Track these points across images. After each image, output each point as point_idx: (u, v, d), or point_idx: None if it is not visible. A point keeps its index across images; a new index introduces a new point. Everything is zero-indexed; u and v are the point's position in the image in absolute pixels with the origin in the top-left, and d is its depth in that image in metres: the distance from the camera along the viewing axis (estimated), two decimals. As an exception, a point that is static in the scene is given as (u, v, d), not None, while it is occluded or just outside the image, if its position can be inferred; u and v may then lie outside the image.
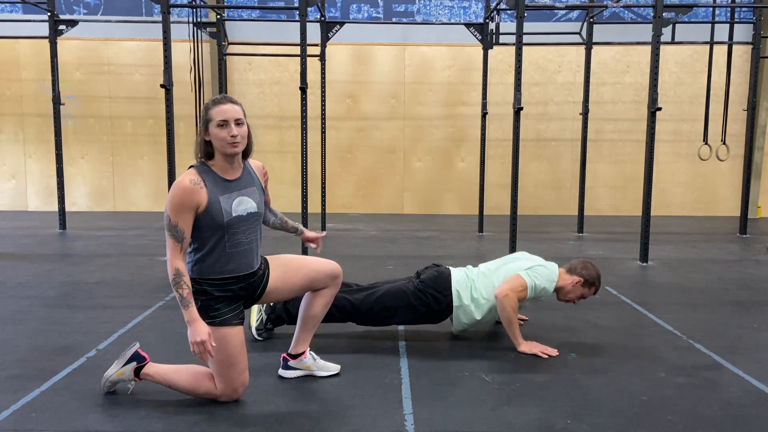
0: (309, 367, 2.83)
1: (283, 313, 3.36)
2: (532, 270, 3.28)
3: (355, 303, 3.31)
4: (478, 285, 3.32)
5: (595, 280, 3.36)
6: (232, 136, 2.39)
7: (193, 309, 2.37)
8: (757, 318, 3.92)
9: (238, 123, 2.42)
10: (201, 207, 2.39)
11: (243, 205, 2.49)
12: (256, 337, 3.35)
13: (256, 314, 3.39)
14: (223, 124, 2.39)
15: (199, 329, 2.35)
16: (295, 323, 3.36)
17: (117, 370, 2.55)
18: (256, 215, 2.56)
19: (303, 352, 2.82)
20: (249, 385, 2.62)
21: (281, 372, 2.85)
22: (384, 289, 3.36)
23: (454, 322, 3.36)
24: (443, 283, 3.33)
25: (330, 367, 2.88)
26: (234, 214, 2.46)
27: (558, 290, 3.35)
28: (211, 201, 2.40)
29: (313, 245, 3.05)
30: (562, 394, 2.66)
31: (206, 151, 2.46)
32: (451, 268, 3.44)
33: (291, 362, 2.83)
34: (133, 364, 2.55)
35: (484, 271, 3.39)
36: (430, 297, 3.30)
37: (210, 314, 2.46)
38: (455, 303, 3.30)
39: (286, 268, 2.70)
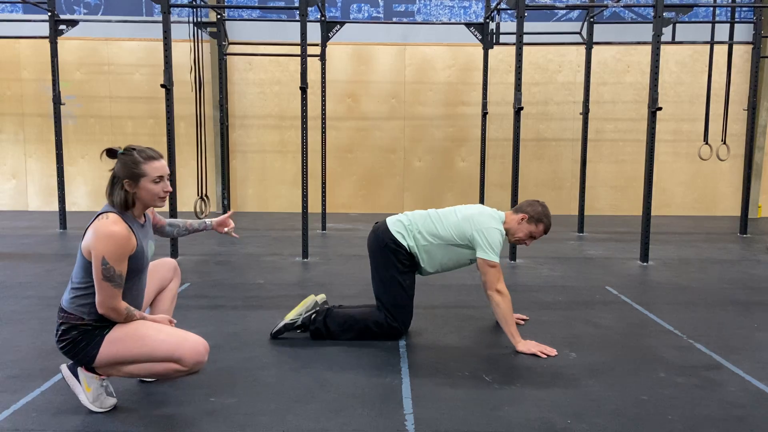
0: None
1: (322, 325, 3.33)
2: (485, 236, 3.25)
3: (385, 316, 3.35)
4: (422, 227, 3.36)
5: (541, 216, 3.35)
6: (165, 192, 2.45)
7: (139, 313, 2.44)
8: (757, 318, 3.92)
9: (168, 178, 2.48)
10: (131, 253, 2.38)
11: (151, 249, 2.57)
12: (276, 330, 3.34)
13: (296, 313, 3.37)
14: (159, 180, 2.42)
15: (158, 318, 2.49)
16: (334, 338, 3.33)
17: (84, 393, 2.42)
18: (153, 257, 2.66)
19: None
20: (249, 385, 2.62)
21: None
22: (375, 288, 3.43)
23: (419, 264, 3.42)
24: (385, 233, 3.38)
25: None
26: (149, 258, 2.54)
27: (506, 232, 3.36)
28: (138, 246, 2.41)
29: (227, 228, 3.04)
30: (562, 394, 2.66)
31: (126, 201, 2.40)
32: (387, 218, 3.49)
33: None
34: (83, 371, 2.42)
35: (432, 215, 3.42)
36: (388, 251, 3.34)
37: (99, 337, 2.38)
38: (404, 244, 3.34)
39: None
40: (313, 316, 3.35)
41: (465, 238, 3.30)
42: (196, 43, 6.40)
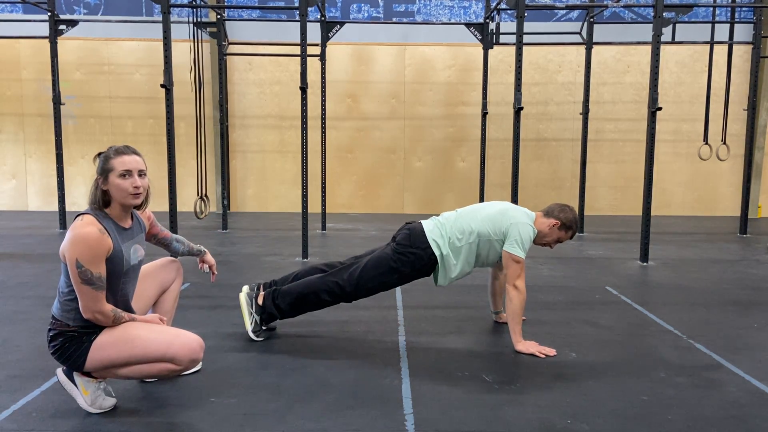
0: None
1: (273, 309, 3.33)
2: (518, 230, 3.24)
3: (341, 284, 3.28)
4: (454, 227, 3.31)
5: (572, 223, 3.35)
6: (135, 187, 2.35)
7: (128, 315, 2.39)
8: (757, 318, 3.92)
9: (141, 174, 2.39)
10: (107, 255, 2.31)
11: (136, 253, 2.47)
12: (255, 338, 3.34)
13: (248, 317, 3.34)
14: (126, 174, 2.34)
15: (148, 318, 2.45)
16: (287, 316, 3.34)
17: (81, 396, 2.41)
18: (143, 263, 2.59)
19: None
20: (249, 385, 2.61)
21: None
22: (365, 261, 3.35)
23: (439, 276, 3.35)
24: (419, 237, 3.31)
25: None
26: (131, 263, 2.44)
27: (536, 234, 3.36)
28: (115, 249, 2.33)
29: (206, 269, 3.03)
30: (562, 394, 2.66)
31: (104, 200, 2.38)
32: (423, 222, 3.43)
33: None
34: (78, 375, 2.40)
35: (462, 214, 3.38)
36: (411, 255, 3.28)
37: (87, 343, 2.34)
38: (437, 253, 3.28)
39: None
40: (262, 302, 3.33)
41: (500, 232, 3.27)
42: (196, 43, 6.40)
